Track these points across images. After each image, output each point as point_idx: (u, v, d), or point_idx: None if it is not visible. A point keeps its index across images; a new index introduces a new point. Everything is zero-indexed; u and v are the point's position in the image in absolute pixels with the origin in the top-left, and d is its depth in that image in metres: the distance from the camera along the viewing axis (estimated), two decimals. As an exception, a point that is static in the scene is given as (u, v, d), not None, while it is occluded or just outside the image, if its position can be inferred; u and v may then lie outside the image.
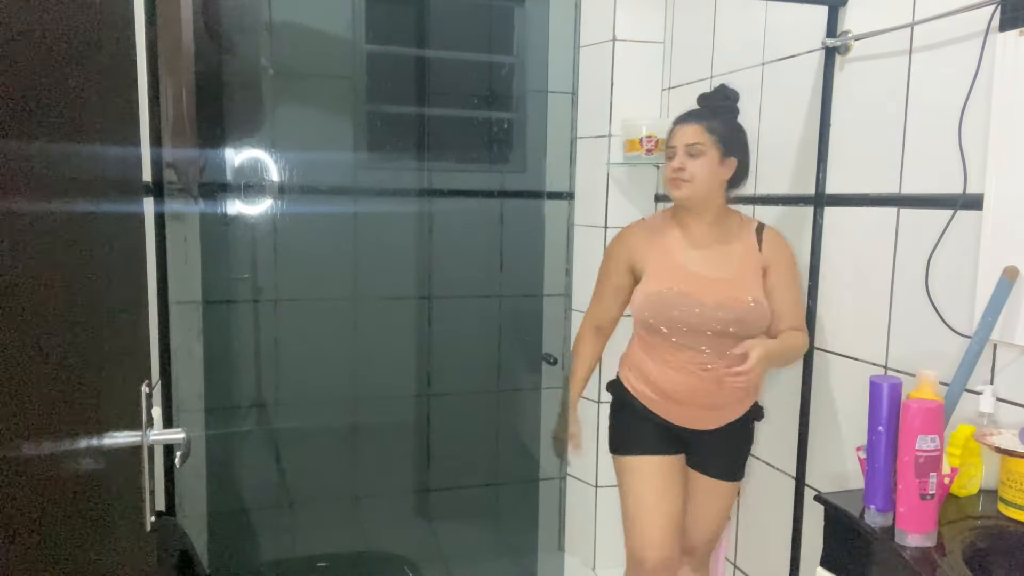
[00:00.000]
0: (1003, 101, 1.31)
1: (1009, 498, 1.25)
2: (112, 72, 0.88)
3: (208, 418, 2.42)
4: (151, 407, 0.98)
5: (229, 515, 2.50)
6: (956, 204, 1.43)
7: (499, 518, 2.84)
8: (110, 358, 0.85)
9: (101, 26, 0.82)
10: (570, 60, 2.61)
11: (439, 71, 2.62)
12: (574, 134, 2.63)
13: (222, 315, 2.44)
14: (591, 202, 2.56)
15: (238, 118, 2.36)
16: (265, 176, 2.38)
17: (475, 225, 2.71)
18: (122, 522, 0.88)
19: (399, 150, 2.61)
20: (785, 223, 1.91)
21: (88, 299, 0.76)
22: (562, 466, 2.73)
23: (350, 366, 2.61)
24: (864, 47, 1.66)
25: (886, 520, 1.24)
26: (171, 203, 1.88)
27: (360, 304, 2.59)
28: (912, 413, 1.17)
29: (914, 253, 1.53)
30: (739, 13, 2.10)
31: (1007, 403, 1.34)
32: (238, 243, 2.43)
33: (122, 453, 0.88)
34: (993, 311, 1.31)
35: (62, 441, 0.67)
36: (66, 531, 0.68)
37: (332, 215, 2.54)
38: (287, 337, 2.51)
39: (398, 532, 2.72)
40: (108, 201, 0.86)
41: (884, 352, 1.61)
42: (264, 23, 2.39)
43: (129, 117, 0.99)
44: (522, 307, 2.75)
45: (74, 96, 0.72)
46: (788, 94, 1.89)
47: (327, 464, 2.62)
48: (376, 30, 2.52)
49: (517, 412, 2.80)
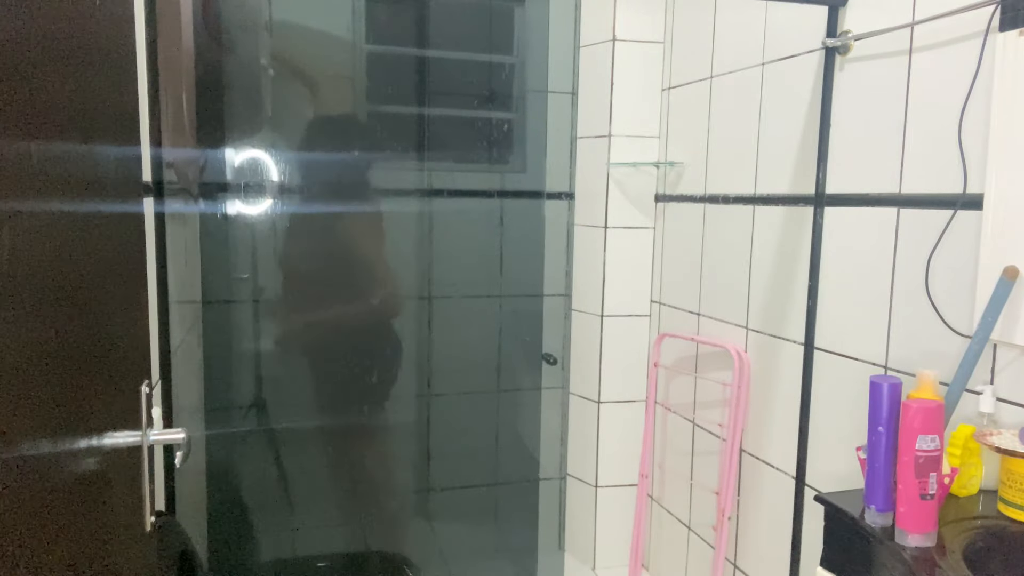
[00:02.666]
0: (1003, 101, 1.31)
1: (1009, 498, 1.25)
2: (112, 72, 0.87)
3: (208, 418, 2.42)
4: (151, 407, 0.98)
5: (229, 515, 2.50)
6: (956, 204, 1.43)
7: (499, 518, 2.84)
8: (110, 358, 0.85)
9: (101, 26, 0.82)
10: (570, 60, 2.61)
11: (439, 71, 2.62)
12: (574, 134, 2.63)
13: (222, 315, 2.44)
14: (591, 202, 2.56)
15: (238, 118, 2.36)
16: (265, 176, 2.38)
17: (475, 225, 2.71)
18: (122, 522, 0.88)
19: (399, 150, 2.61)
20: (785, 223, 1.91)
21: (88, 299, 0.76)
22: (562, 466, 2.73)
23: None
24: (864, 47, 1.66)
25: (886, 520, 1.24)
26: (171, 203, 1.89)
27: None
28: (912, 413, 1.18)
29: (914, 253, 1.53)
30: (739, 13, 2.10)
31: (1007, 403, 1.34)
32: (238, 243, 2.43)
33: (122, 453, 0.88)
34: (993, 311, 1.31)
35: (62, 441, 0.67)
36: (66, 531, 0.68)
37: (332, 215, 2.54)
38: (287, 337, 2.51)
39: (398, 532, 2.72)
40: (108, 201, 0.86)
41: (884, 352, 1.61)
42: (264, 23, 2.39)
43: (129, 117, 0.99)
44: (522, 307, 2.75)
45: (74, 96, 0.72)
46: (788, 94, 1.89)
47: (327, 464, 2.62)
48: (376, 30, 2.52)
49: (517, 412, 2.80)
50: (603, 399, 2.58)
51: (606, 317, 2.55)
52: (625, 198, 2.51)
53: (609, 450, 2.59)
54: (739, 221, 2.09)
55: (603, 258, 2.52)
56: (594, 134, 2.53)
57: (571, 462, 2.72)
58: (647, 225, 2.54)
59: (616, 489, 2.62)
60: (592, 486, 2.63)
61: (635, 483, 2.58)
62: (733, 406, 2.08)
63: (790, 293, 1.89)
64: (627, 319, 2.57)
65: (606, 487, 2.61)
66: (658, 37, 2.48)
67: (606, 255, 2.52)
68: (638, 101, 2.48)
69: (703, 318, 2.27)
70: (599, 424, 2.58)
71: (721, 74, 2.17)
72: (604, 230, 2.51)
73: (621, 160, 2.48)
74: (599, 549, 2.64)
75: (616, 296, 2.54)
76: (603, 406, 2.58)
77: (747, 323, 2.06)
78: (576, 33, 2.59)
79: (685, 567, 2.39)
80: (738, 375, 2.06)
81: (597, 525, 2.63)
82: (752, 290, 2.04)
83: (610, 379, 2.57)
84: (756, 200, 2.03)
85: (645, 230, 2.54)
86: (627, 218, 2.52)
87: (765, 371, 1.99)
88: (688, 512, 2.37)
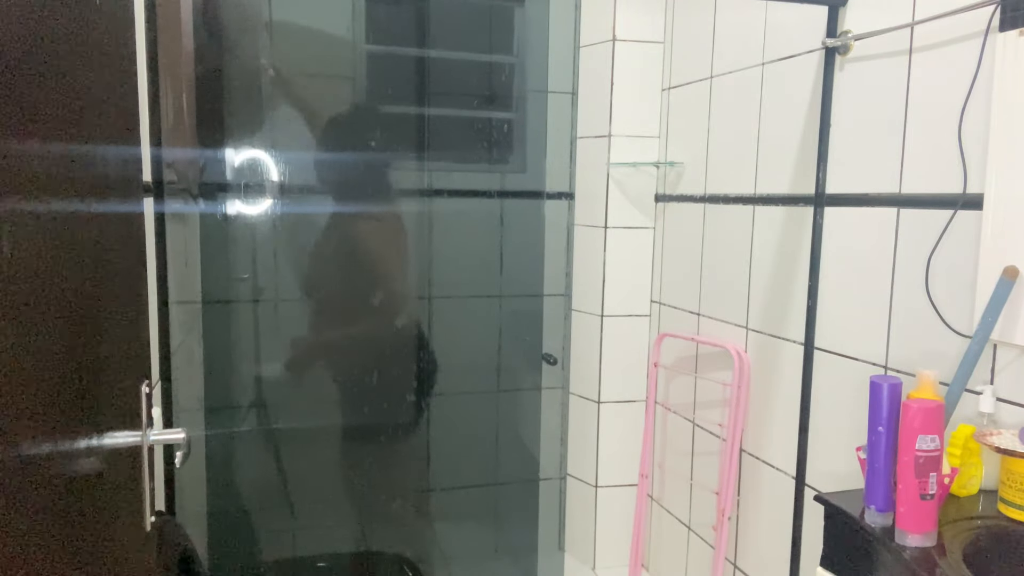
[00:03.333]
0: (1003, 101, 1.31)
1: (1009, 498, 1.25)
2: (112, 72, 0.87)
3: (208, 418, 2.42)
4: (151, 407, 0.98)
5: (229, 515, 2.50)
6: (956, 204, 1.43)
7: (499, 518, 2.84)
8: (110, 358, 0.85)
9: (101, 26, 0.82)
10: (570, 60, 2.61)
11: (439, 71, 2.62)
12: (574, 134, 2.63)
13: (222, 315, 2.44)
14: (591, 202, 2.56)
15: (238, 118, 2.36)
16: (265, 176, 2.38)
17: (475, 225, 2.71)
18: (122, 522, 0.88)
19: (399, 150, 2.61)
20: (785, 223, 1.91)
21: (88, 299, 0.76)
22: (562, 466, 2.74)
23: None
24: (864, 47, 1.66)
25: (886, 520, 1.24)
26: (171, 203, 1.89)
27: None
28: (912, 413, 1.17)
29: (914, 253, 1.53)
30: (739, 13, 2.10)
31: (1007, 403, 1.34)
32: (238, 243, 2.43)
33: (122, 453, 0.88)
34: (993, 311, 1.31)
35: (62, 441, 0.67)
36: (66, 531, 0.68)
37: (332, 215, 2.54)
38: (287, 337, 2.51)
39: (398, 532, 2.72)
40: (108, 201, 0.86)
41: (884, 352, 1.61)
42: (264, 23, 2.39)
43: (129, 117, 0.99)
44: (522, 307, 2.75)
45: (74, 96, 0.72)
46: (788, 94, 1.89)
47: (327, 464, 2.62)
48: (376, 30, 2.52)
49: (517, 412, 2.80)
50: (603, 399, 2.58)
51: (606, 317, 2.55)
52: (625, 198, 2.52)
53: (609, 450, 2.59)
54: (739, 221, 2.09)
55: (603, 258, 2.52)
56: (594, 134, 2.53)
57: (571, 462, 2.72)
58: (647, 225, 2.54)
59: (616, 489, 2.62)
60: (592, 486, 2.63)
61: (635, 483, 2.58)
62: (733, 406, 2.08)
63: (790, 293, 1.89)
64: (627, 319, 2.57)
65: (606, 487, 2.61)
66: (658, 37, 2.48)
67: (606, 255, 2.52)
68: (638, 101, 2.48)
69: (703, 318, 2.27)
70: (599, 424, 2.58)
71: (721, 74, 2.17)
72: (604, 230, 2.51)
73: (621, 160, 2.48)
74: (599, 549, 2.64)
75: (616, 296, 2.54)
76: (603, 406, 2.58)
77: (747, 323, 2.07)
78: (576, 33, 2.59)
79: (685, 567, 2.39)
80: (738, 375, 2.06)
81: (597, 525, 2.63)
82: (752, 290, 2.04)
83: (610, 379, 2.57)
84: (756, 200, 2.03)
85: (645, 230, 2.54)
86: (627, 218, 2.52)
87: (765, 371, 1.99)
88: (688, 512, 2.37)
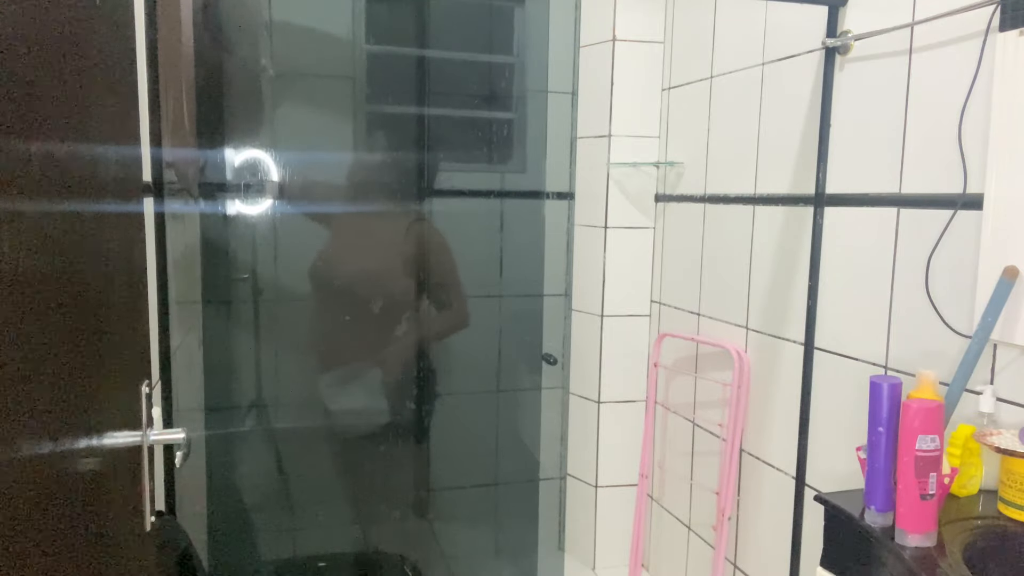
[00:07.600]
0: (1003, 101, 1.31)
1: (1009, 498, 1.25)
2: (112, 72, 0.88)
3: (208, 418, 2.42)
4: (151, 407, 0.98)
5: (229, 515, 2.50)
6: (956, 204, 1.43)
7: (499, 518, 2.84)
8: (110, 358, 0.85)
9: (101, 26, 0.82)
10: (570, 60, 2.61)
11: (439, 71, 2.62)
12: (574, 134, 2.63)
13: (222, 315, 2.44)
14: (591, 202, 2.56)
15: (238, 118, 2.36)
16: (265, 176, 2.38)
17: (475, 225, 2.71)
18: (122, 522, 0.88)
19: (399, 150, 2.61)
20: (785, 223, 1.91)
21: (88, 299, 0.76)
22: (562, 466, 2.73)
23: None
24: (864, 47, 1.66)
25: (886, 520, 1.24)
26: (171, 203, 1.88)
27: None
28: (912, 413, 1.17)
29: (914, 253, 1.53)
30: (739, 13, 2.10)
31: (1007, 403, 1.34)
32: (238, 243, 2.43)
33: (122, 453, 0.88)
34: (993, 311, 1.31)
35: (62, 441, 0.67)
36: (66, 531, 0.68)
37: (332, 215, 2.54)
38: (287, 337, 2.51)
39: (398, 532, 2.72)
40: (108, 201, 0.86)
41: (884, 352, 1.61)
42: (264, 23, 2.39)
43: (129, 117, 0.99)
44: (522, 307, 2.75)
45: (74, 96, 0.72)
46: (788, 94, 1.89)
47: (327, 464, 2.62)
48: (376, 30, 2.52)
49: (517, 412, 2.80)
50: (603, 399, 2.58)
51: (606, 317, 2.55)
52: (625, 198, 2.52)
53: (609, 450, 2.59)
54: (739, 221, 2.09)
55: (603, 258, 2.52)
56: (594, 134, 2.53)
57: (571, 462, 2.72)
58: (647, 225, 2.54)
59: (616, 489, 2.62)
60: (592, 486, 2.63)
61: (635, 483, 2.58)
62: (733, 406, 2.08)
63: (790, 293, 1.89)
64: (627, 319, 2.57)
65: (606, 487, 2.61)
66: (658, 37, 2.48)
67: (606, 255, 2.52)
68: (638, 101, 2.48)
69: (703, 318, 2.27)
70: (599, 424, 2.58)
71: (721, 74, 2.17)
72: (604, 230, 2.51)
73: (621, 160, 2.48)
74: (599, 549, 2.64)
75: (616, 296, 2.54)
76: (603, 406, 2.58)
77: (747, 323, 2.06)
78: (576, 33, 2.59)
79: (685, 567, 2.39)
80: (738, 375, 2.06)
81: (597, 525, 2.63)
82: (752, 290, 2.04)
83: (610, 379, 2.57)
84: (756, 200, 2.03)
85: (645, 230, 2.54)
86: (627, 218, 2.52)
87: (765, 371, 1.99)
88: (688, 512, 2.37)
